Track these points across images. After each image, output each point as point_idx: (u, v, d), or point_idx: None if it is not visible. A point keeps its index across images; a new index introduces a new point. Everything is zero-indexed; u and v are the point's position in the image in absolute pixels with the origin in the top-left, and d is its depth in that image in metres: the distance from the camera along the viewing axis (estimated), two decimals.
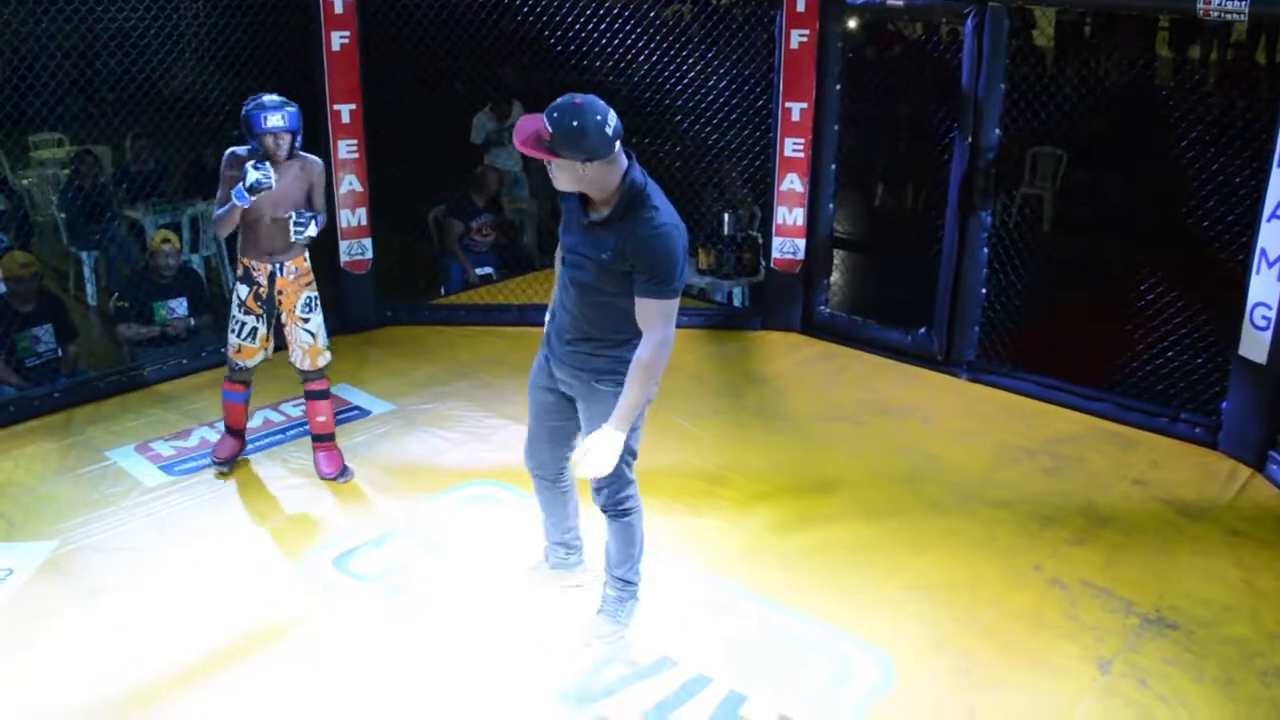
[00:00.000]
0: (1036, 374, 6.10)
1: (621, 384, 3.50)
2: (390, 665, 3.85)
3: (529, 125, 3.32)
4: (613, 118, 3.29)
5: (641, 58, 6.94)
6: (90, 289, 8.21)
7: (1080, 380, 5.96)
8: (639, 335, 3.47)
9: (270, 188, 4.51)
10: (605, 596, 4.01)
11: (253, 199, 4.51)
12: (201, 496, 4.95)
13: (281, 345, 5.01)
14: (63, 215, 8.37)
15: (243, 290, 4.82)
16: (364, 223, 6.72)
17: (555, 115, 3.26)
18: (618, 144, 3.32)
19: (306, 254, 4.91)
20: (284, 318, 4.90)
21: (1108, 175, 9.43)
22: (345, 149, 6.58)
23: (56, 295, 6.58)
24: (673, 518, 4.73)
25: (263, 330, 4.88)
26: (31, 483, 5.06)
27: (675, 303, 3.43)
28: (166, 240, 6.50)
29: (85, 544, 4.55)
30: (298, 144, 4.68)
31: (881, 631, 4.01)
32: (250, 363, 4.95)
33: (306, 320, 4.90)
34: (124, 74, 6.19)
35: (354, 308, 6.88)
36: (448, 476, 5.15)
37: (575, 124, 3.23)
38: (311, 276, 4.92)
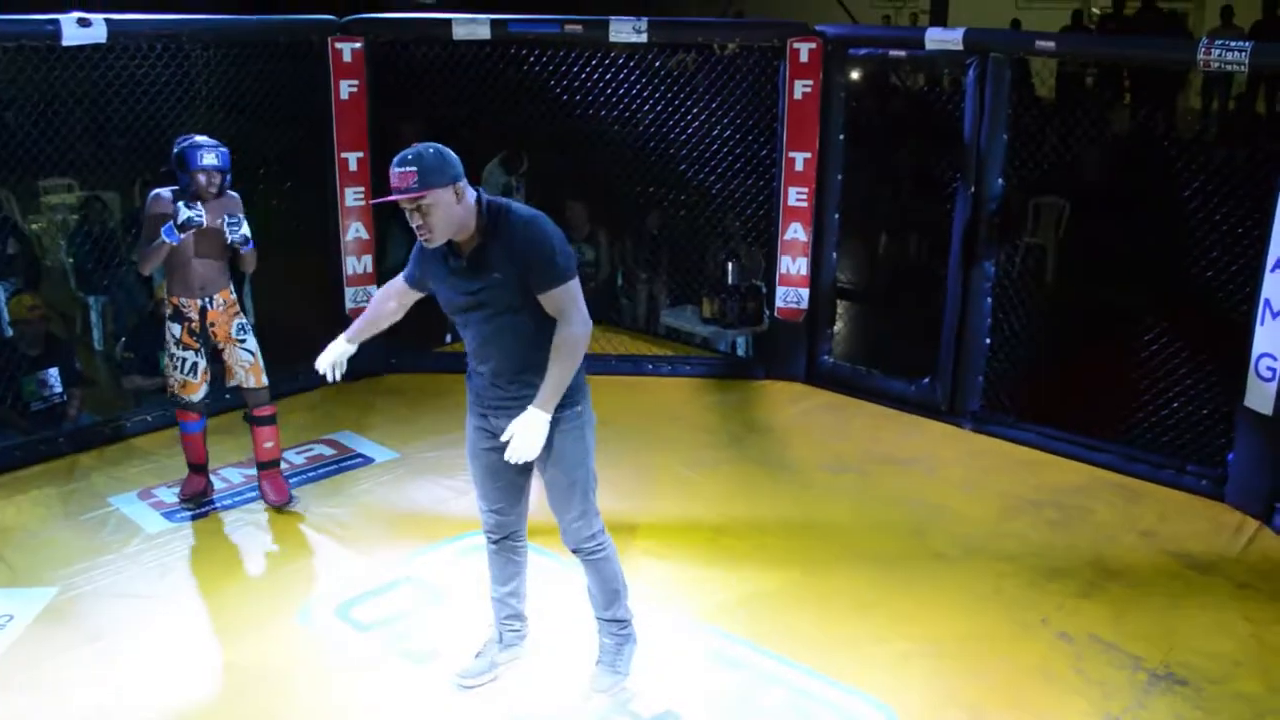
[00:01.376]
0: (1041, 424, 6.09)
1: (569, 409, 3.55)
2: (391, 715, 3.81)
3: (397, 181, 3.35)
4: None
5: (646, 107, 6.99)
6: (97, 334, 8.22)
7: (1085, 431, 5.95)
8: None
9: (202, 225, 4.76)
10: (602, 646, 3.95)
11: (183, 236, 4.74)
12: (203, 544, 4.94)
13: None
14: (71, 260, 8.40)
15: (175, 328, 5.01)
16: (370, 269, 6.74)
17: (411, 155, 3.35)
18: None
19: (231, 286, 5.10)
20: (220, 345, 5.05)
21: (1110, 225, 9.44)
22: (352, 196, 6.62)
23: (63, 339, 6.59)
24: (675, 567, 4.71)
25: (202, 364, 5.06)
26: (34, 528, 5.05)
27: (577, 282, 3.48)
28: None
29: (86, 590, 4.54)
30: (227, 182, 4.92)
31: (887, 685, 3.98)
32: (195, 397, 5.10)
33: (243, 341, 5.08)
34: (135, 121, 6.24)
35: (358, 355, 6.80)
36: (451, 525, 5.13)
37: (431, 151, 3.36)
38: (239, 305, 5.13)
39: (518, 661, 4.05)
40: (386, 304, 3.91)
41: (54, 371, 6.11)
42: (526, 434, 3.45)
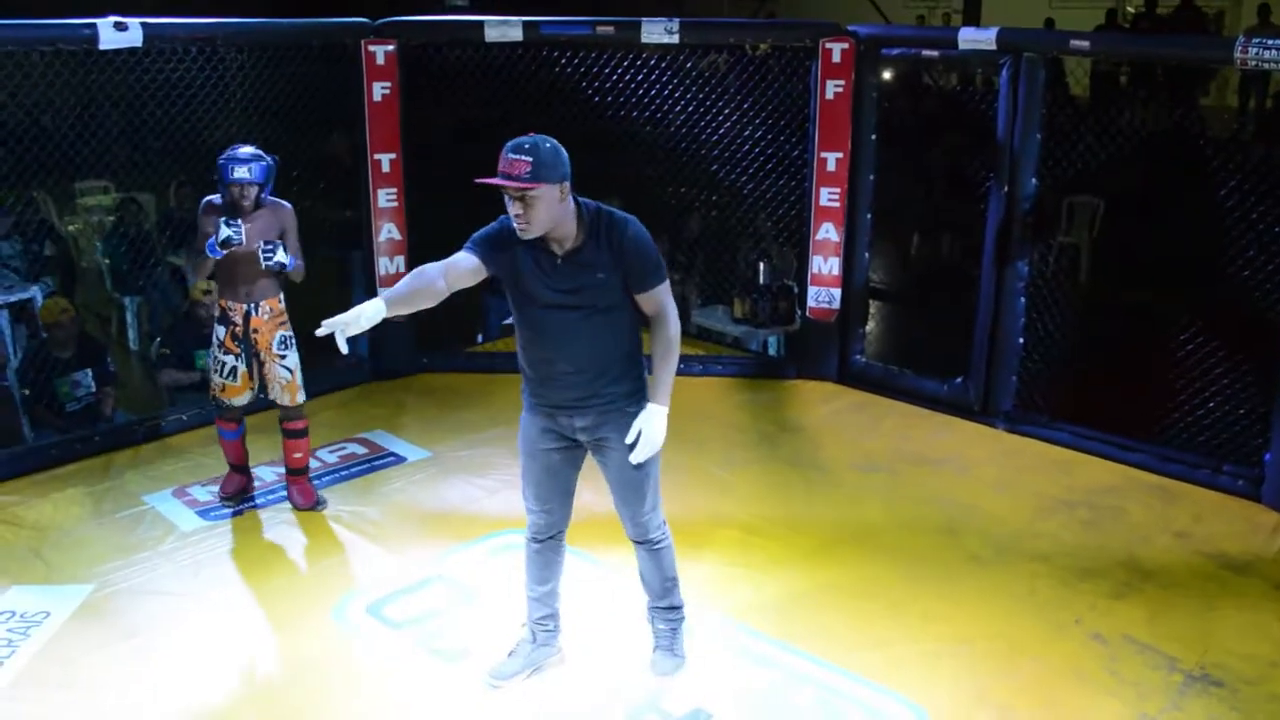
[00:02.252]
0: (1075, 424, 6.04)
1: (643, 399, 3.62)
2: (422, 713, 3.83)
3: (502, 167, 3.36)
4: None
5: (679, 108, 6.99)
6: (132, 334, 8.31)
7: (1120, 431, 5.90)
8: (635, 343, 3.67)
9: (241, 244, 4.78)
10: (657, 633, 4.02)
11: (224, 253, 4.78)
12: (237, 542, 4.98)
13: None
14: (107, 261, 8.49)
15: (220, 331, 5.03)
16: (403, 270, 6.77)
17: (529, 145, 3.36)
18: None
19: (281, 296, 5.09)
20: (261, 355, 5.05)
21: (1146, 224, 9.37)
22: (385, 198, 6.65)
23: (96, 339, 6.65)
24: (706, 567, 4.70)
25: (243, 369, 5.06)
26: (70, 526, 5.11)
27: (669, 282, 3.61)
28: (207, 291, 6.57)
29: (122, 588, 4.58)
30: (265, 194, 4.94)
31: (918, 685, 3.96)
32: (236, 401, 5.12)
33: (284, 357, 5.07)
34: (170, 123, 6.31)
35: (390, 355, 6.93)
36: (483, 524, 5.15)
37: (549, 145, 3.37)
38: (286, 317, 5.11)
39: (551, 661, 4.06)
40: (437, 281, 3.51)
41: (87, 372, 6.18)
42: (652, 431, 3.54)
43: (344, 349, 3.30)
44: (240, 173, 4.82)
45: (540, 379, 3.68)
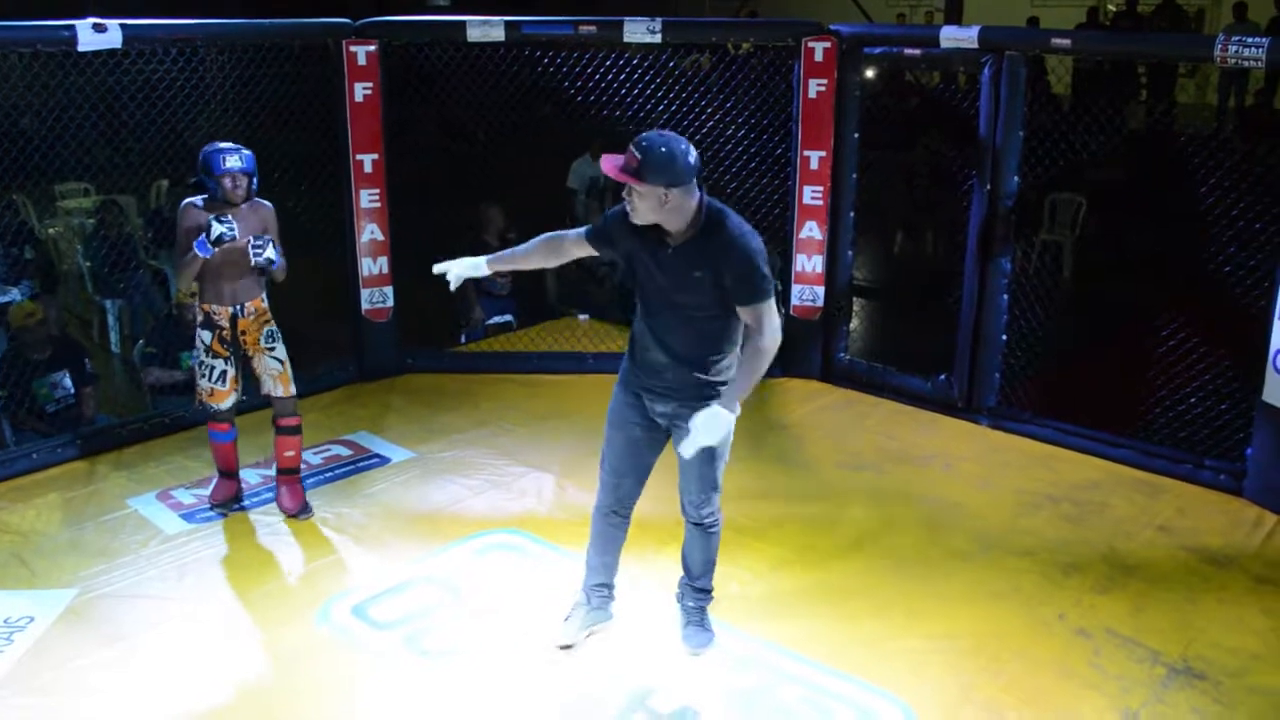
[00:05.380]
0: (1058, 420, 6.07)
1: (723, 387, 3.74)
2: (409, 714, 3.83)
3: (616, 156, 3.55)
4: (694, 151, 3.56)
5: (661, 107, 7.00)
6: (114, 337, 8.28)
7: (1103, 427, 5.93)
8: (732, 348, 3.75)
9: (234, 239, 4.73)
10: (687, 610, 4.16)
11: (215, 250, 4.72)
12: (221, 544, 4.96)
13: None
14: (88, 264, 8.46)
15: (206, 335, 4.97)
16: (385, 271, 6.76)
17: (644, 144, 3.51)
18: (695, 177, 3.54)
19: (264, 295, 5.06)
20: (249, 353, 5.02)
21: (1127, 221, 9.43)
22: (367, 198, 6.63)
23: (72, 341, 6.59)
24: None
25: (232, 372, 5.01)
26: (53, 530, 5.08)
27: (773, 299, 3.65)
28: (193, 294, 6.54)
29: (105, 592, 4.56)
30: (254, 187, 4.88)
31: (905, 682, 3.97)
32: (224, 405, 5.06)
33: (272, 349, 5.05)
34: (150, 125, 6.28)
35: (375, 355, 6.91)
36: (468, 524, 5.14)
37: (664, 150, 3.50)
38: (269, 315, 5.07)
39: (604, 626, 4.20)
40: (555, 250, 3.98)
41: (65, 374, 6.13)
42: (711, 429, 3.58)
43: (454, 286, 4.06)
44: (233, 161, 4.76)
45: (637, 358, 3.84)
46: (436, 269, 4.08)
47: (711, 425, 3.59)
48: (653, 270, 3.68)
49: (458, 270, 4.05)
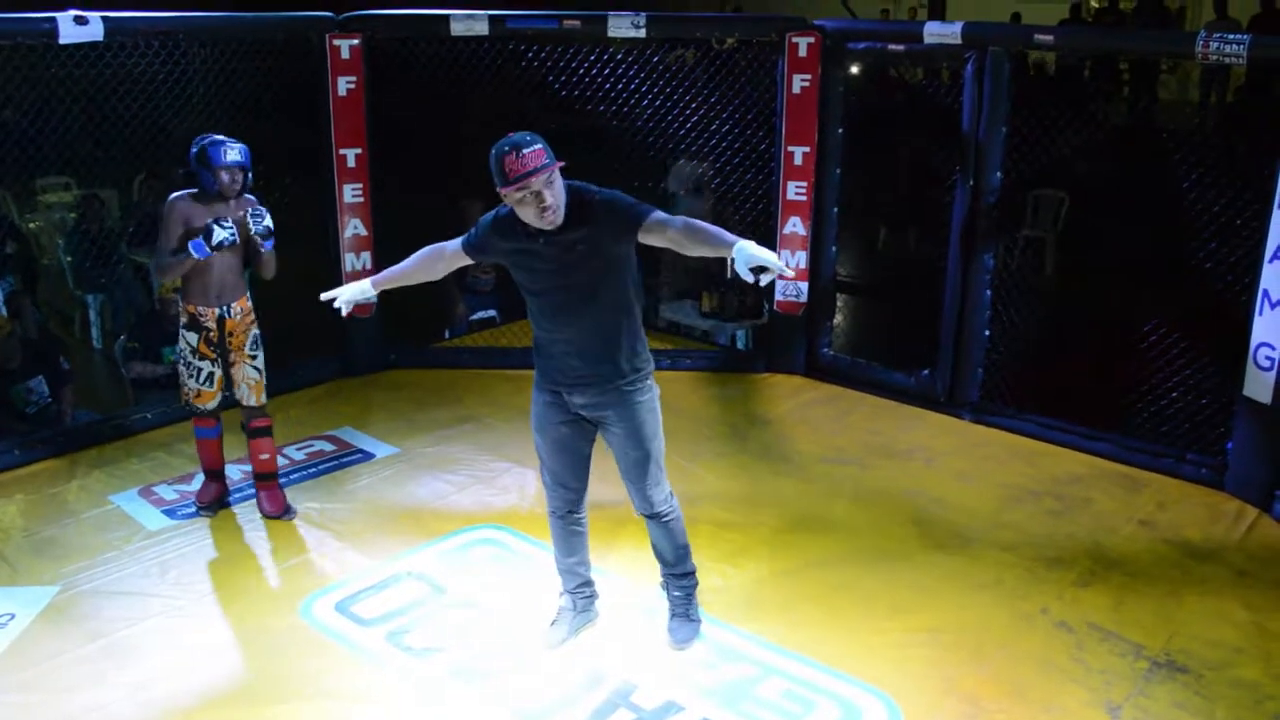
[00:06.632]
0: (1040, 415, 6.10)
1: (643, 382, 3.80)
2: (393, 709, 3.82)
3: (522, 164, 3.44)
4: None
5: (645, 102, 6.99)
6: (95, 332, 8.23)
7: (1085, 421, 5.95)
8: (634, 325, 3.75)
9: (235, 243, 4.68)
10: (672, 600, 4.17)
11: (212, 253, 4.66)
12: (204, 541, 4.94)
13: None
14: (69, 259, 8.40)
15: (192, 337, 4.89)
16: (369, 266, 6.74)
17: (528, 138, 3.47)
18: None
19: (249, 294, 5.00)
20: (233, 357, 4.96)
21: (1109, 217, 9.45)
22: (350, 193, 6.62)
23: (44, 343, 6.50)
24: None
25: (218, 373, 4.96)
26: (35, 527, 5.05)
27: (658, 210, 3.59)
28: (176, 289, 6.51)
29: (87, 588, 4.54)
30: (249, 181, 4.83)
31: (888, 675, 3.98)
32: (210, 405, 5.01)
33: (254, 358, 5.00)
34: (132, 119, 6.24)
35: (358, 351, 6.90)
36: (452, 520, 5.14)
37: (530, 136, 3.48)
38: (254, 315, 5.01)
39: (591, 625, 4.22)
40: (435, 264, 3.97)
41: (40, 379, 6.07)
42: (757, 252, 3.30)
43: (345, 312, 4.09)
44: (233, 155, 4.68)
45: (544, 356, 3.84)
46: (324, 296, 4.08)
47: (752, 251, 3.30)
48: (535, 264, 3.65)
49: (347, 296, 4.05)
